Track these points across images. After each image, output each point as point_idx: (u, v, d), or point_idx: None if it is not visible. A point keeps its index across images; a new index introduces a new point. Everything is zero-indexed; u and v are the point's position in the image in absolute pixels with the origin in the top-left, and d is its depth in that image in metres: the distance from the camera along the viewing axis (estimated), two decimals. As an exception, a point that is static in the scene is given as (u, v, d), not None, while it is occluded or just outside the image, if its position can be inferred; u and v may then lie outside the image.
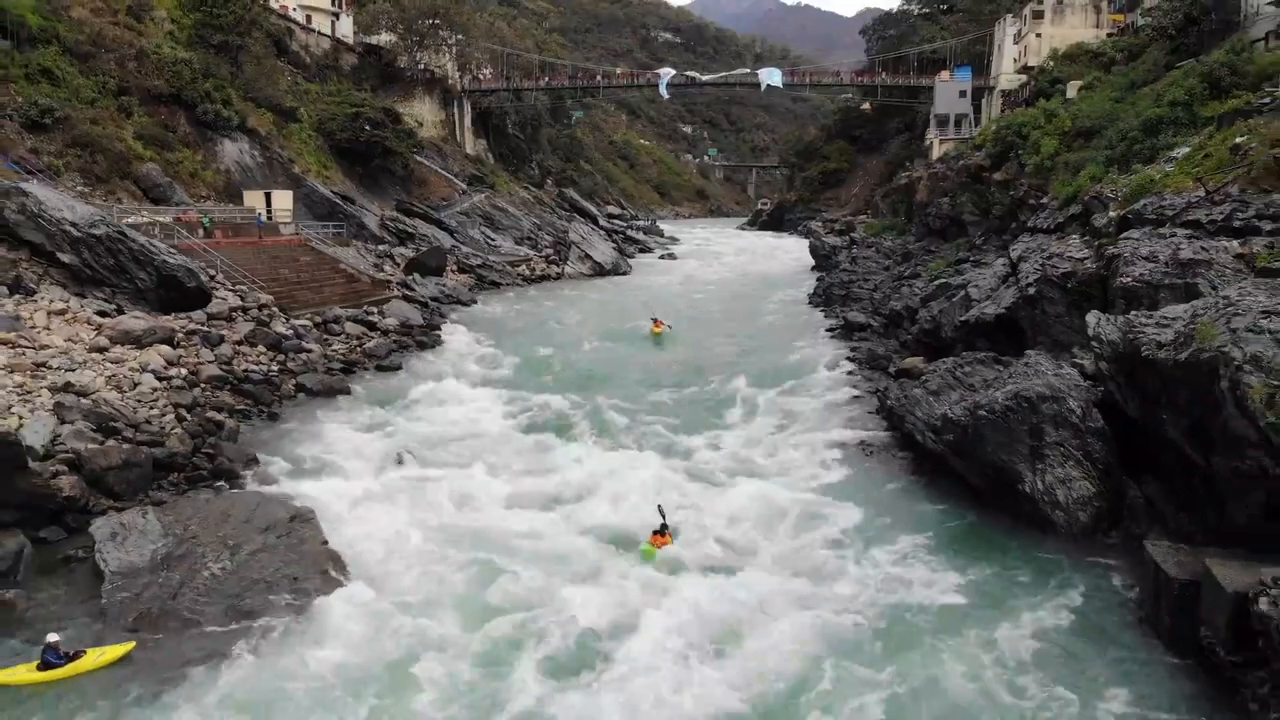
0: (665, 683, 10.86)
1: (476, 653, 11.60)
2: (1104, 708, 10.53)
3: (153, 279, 26.45)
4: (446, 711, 10.52)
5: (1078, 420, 15.12)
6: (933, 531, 15.56)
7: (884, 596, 13.32)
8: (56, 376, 19.12)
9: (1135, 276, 17.32)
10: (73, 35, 41.07)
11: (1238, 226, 17.20)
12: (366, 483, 17.73)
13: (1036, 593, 13.39)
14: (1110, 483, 14.94)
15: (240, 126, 45.87)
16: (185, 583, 12.56)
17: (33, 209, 24.93)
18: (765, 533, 15.75)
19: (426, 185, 64.21)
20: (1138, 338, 13.96)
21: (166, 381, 20.82)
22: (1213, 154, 20.99)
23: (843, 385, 26.22)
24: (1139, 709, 10.51)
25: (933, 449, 17.66)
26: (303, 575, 13.02)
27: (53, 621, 12.15)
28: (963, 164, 43.19)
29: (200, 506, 14.64)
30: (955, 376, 18.83)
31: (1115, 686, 10.90)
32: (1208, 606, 10.84)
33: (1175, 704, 10.52)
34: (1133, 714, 10.50)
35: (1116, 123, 30.39)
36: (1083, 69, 48.32)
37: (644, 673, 11.05)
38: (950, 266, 36.14)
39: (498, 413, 23.61)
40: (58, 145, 35.65)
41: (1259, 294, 12.79)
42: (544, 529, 15.76)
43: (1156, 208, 20.10)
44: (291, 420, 22.08)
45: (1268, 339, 11.79)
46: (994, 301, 24.58)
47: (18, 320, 21.97)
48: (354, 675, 11.09)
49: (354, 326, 31.53)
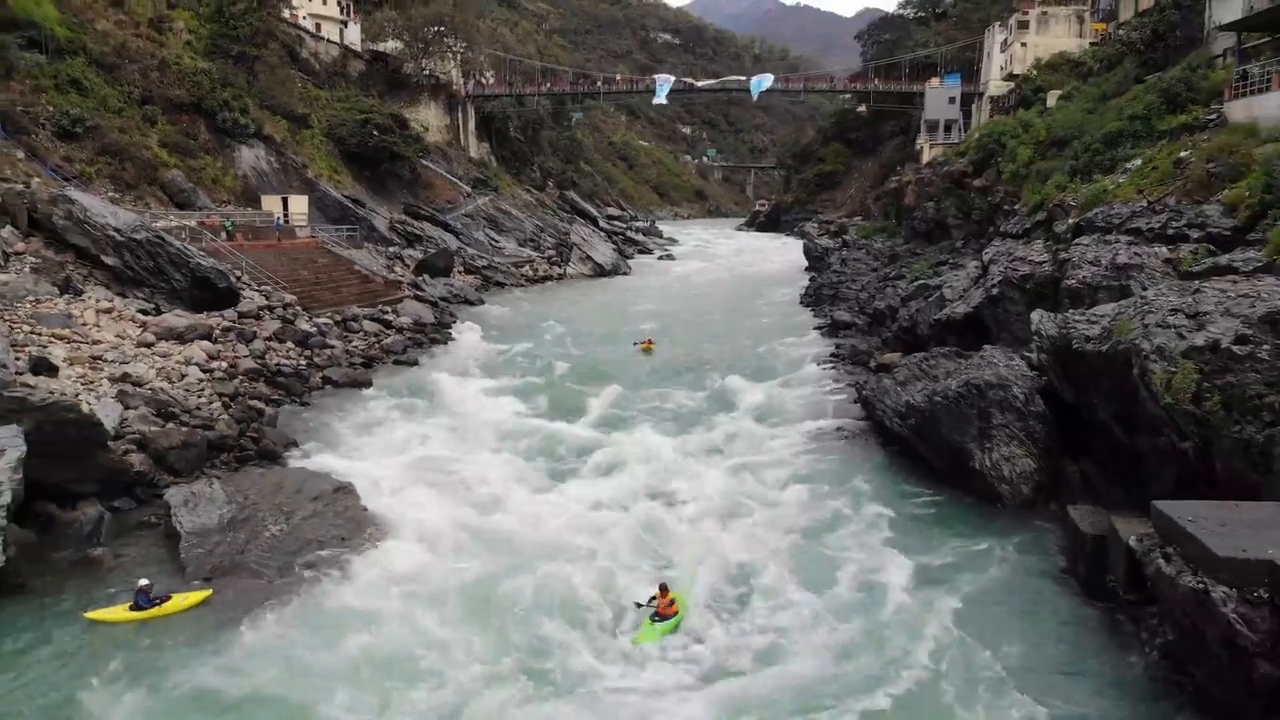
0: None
1: (498, 593, 13.71)
2: (1026, 645, 12.54)
3: (187, 280, 28.59)
4: (473, 640, 12.60)
5: (1021, 405, 17.25)
6: (897, 503, 17.68)
7: (851, 555, 15.44)
8: (113, 368, 21.25)
9: (1079, 279, 19.47)
10: (98, 46, 43.18)
11: (1171, 234, 19.32)
12: (393, 463, 19.84)
13: (982, 554, 15.48)
14: (1050, 460, 17.06)
15: (257, 134, 47.99)
16: (250, 541, 14.69)
17: (79, 215, 27.06)
18: (748, 507, 17.86)
19: (432, 188, 66.30)
20: (1070, 333, 16.10)
21: (209, 374, 22.95)
22: (1159, 167, 23.12)
23: (825, 379, 28.33)
24: (1055, 642, 12.57)
25: (899, 433, 19.80)
26: (348, 535, 15.15)
27: (136, 573, 14.26)
28: (947, 170, 45.24)
29: (256, 479, 16.77)
30: (921, 369, 20.92)
31: (1038, 626, 12.97)
32: (1112, 556, 12.95)
33: (1085, 638, 12.60)
34: (1050, 647, 12.54)
35: (1087, 131, 32.49)
36: (1064, 78, 50.45)
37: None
38: (931, 268, 38.27)
39: (508, 405, 25.69)
40: (88, 153, 37.77)
41: (1171, 295, 14.89)
42: (547, 502, 17.92)
43: (1105, 216, 22.25)
44: (321, 409, 24.21)
45: (1171, 333, 13.89)
46: (964, 301, 26.73)
47: (70, 318, 24.08)
48: (396, 614, 13.17)
49: (371, 324, 33.64)
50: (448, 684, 11.46)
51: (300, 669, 11.79)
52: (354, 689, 11.27)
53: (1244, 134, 21.72)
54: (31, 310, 23.52)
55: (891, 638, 12.74)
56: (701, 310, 45.03)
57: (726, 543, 16.00)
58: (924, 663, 12.09)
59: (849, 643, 12.63)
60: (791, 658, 12.35)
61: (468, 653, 12.22)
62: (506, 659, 12.08)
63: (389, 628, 12.71)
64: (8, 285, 24.02)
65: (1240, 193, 18.38)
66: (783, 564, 15.12)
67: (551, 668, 11.94)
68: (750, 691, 11.44)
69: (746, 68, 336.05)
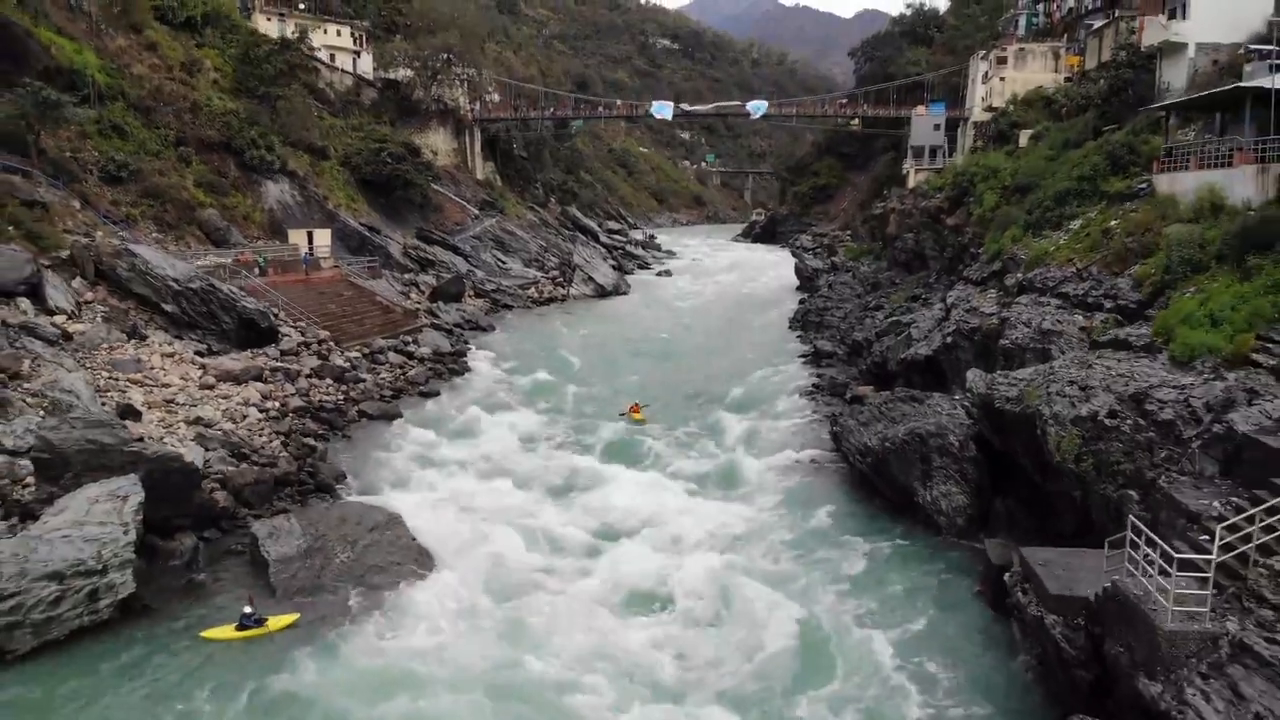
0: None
1: (524, 609, 17.15)
2: (939, 645, 15.97)
3: (235, 321, 32.00)
4: (505, 651, 16.02)
5: (956, 451, 20.68)
6: (854, 529, 21.15)
7: (811, 574, 18.88)
8: (185, 411, 24.67)
9: (1013, 340, 22.93)
10: (135, 90, 46.53)
11: (1090, 302, 22.73)
12: (429, 495, 23.26)
13: (919, 573, 18.95)
14: (980, 496, 20.50)
15: (281, 169, 51.33)
16: (324, 567, 18.11)
17: (141, 267, 30.48)
18: (728, 531, 21.31)
19: (442, 211, 69.63)
20: (994, 392, 19.55)
21: (265, 413, 26.38)
22: (1091, 234, 26.53)
23: (805, 410, 31.81)
24: (961, 645, 16.01)
25: (860, 468, 23.26)
26: (402, 561, 18.58)
27: (232, 595, 17.66)
28: (924, 205, 48.68)
29: (323, 513, 20.20)
30: (881, 411, 24.38)
31: (951, 632, 16.44)
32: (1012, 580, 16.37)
33: (985, 643, 16.04)
34: (957, 649, 15.93)
35: (1045, 182, 35.82)
36: (1038, 114, 53.87)
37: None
38: (906, 301, 41.74)
39: (523, 437, 29.12)
40: (132, 196, 41.10)
41: (1071, 368, 18.31)
42: (553, 519, 21.50)
43: (1043, 278, 25.67)
44: (360, 441, 27.62)
45: (1066, 401, 17.32)
46: (927, 343, 30.22)
47: (139, 362, 27.49)
48: (444, 623, 16.61)
49: (396, 356, 37.04)
50: (497, 689, 14.87)
51: (377, 679, 15.17)
52: (427, 697, 14.57)
53: (1166, 206, 25.07)
54: (107, 357, 26.92)
55: (833, 638, 16.24)
56: (695, 336, 48.37)
57: (707, 563, 19.42)
58: (853, 655, 15.59)
59: (795, 646, 16.04)
60: (752, 657, 15.84)
61: (506, 659, 15.67)
62: (534, 663, 15.54)
63: (446, 641, 16.14)
64: (85, 334, 27.41)
65: (1147, 269, 21.75)
66: (755, 580, 18.59)
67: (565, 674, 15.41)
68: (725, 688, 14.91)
69: (745, 72, 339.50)
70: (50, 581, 15.65)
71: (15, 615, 15.24)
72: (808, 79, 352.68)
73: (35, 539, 16.16)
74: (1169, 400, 15.19)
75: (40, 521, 16.83)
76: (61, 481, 17.76)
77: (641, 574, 18.83)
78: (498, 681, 14.88)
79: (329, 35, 70.67)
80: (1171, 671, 9.52)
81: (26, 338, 25.17)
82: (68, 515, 16.66)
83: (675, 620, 17.21)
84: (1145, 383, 16.12)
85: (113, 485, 17.44)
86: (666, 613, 17.57)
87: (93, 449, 17.91)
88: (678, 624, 17.01)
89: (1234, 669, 9.02)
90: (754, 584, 18.26)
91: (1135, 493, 14.19)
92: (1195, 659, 9.47)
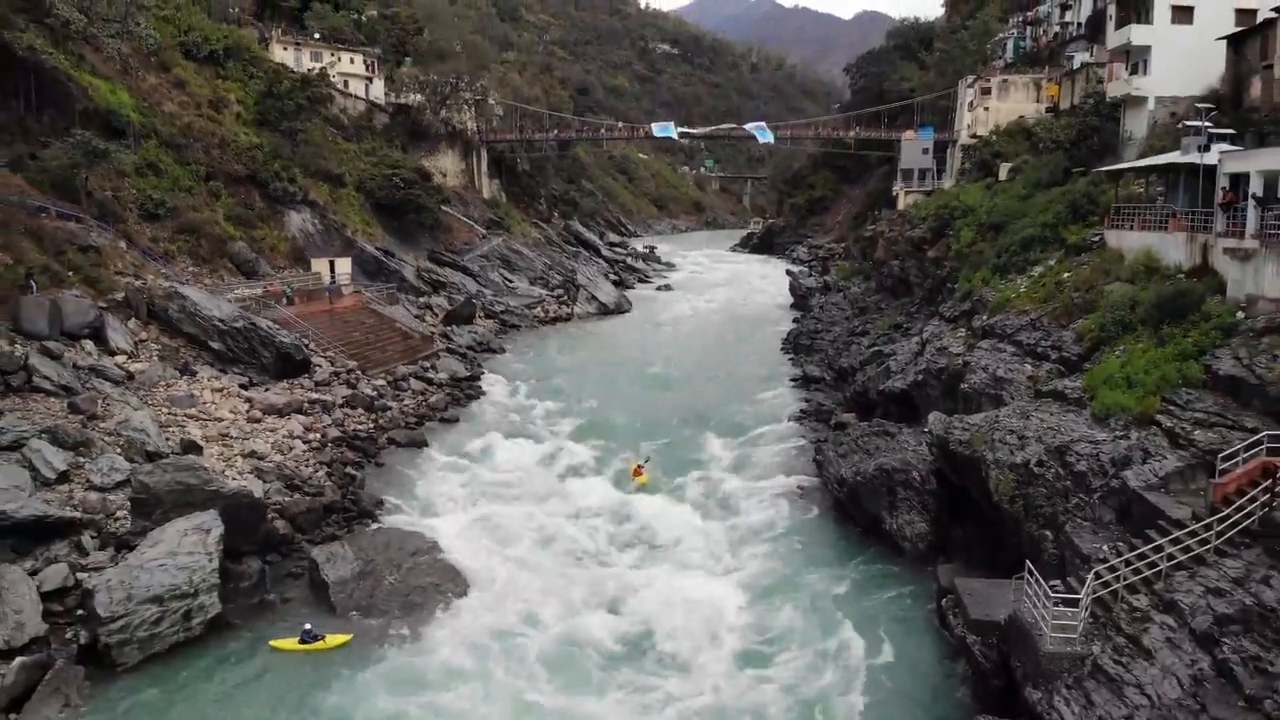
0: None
1: (554, 630, 20.26)
2: (894, 653, 19.09)
3: (273, 355, 35.09)
4: (532, 661, 19.12)
5: (919, 484, 23.80)
6: (828, 550, 24.31)
7: (789, 592, 22.00)
8: (240, 445, 27.78)
9: (971, 385, 26.04)
10: (168, 128, 49.58)
11: (1039, 351, 25.81)
12: (459, 520, 26.37)
13: (884, 591, 22.08)
14: (939, 525, 23.60)
15: (303, 199, 54.42)
16: (375, 588, 21.22)
17: (190, 309, 33.59)
18: (719, 552, 24.45)
19: (451, 231, 72.77)
20: (949, 435, 22.65)
21: (308, 444, 29.48)
22: (1047, 284, 29.63)
23: (793, 436, 34.94)
24: (913, 654, 19.12)
25: (837, 496, 26.38)
26: (441, 582, 21.69)
27: (298, 613, 20.75)
28: (909, 234, 51.76)
29: (371, 538, 23.32)
30: (858, 444, 27.48)
31: (906, 643, 19.53)
32: (946, 604, 19.49)
33: (933, 655, 19.14)
34: (909, 657, 19.03)
35: (1013, 226, 38.85)
36: (1018, 146, 56.99)
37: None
38: (889, 329, 44.80)
39: (537, 459, 32.26)
40: (169, 232, 44.14)
41: (1012, 418, 21.41)
42: (570, 543, 24.61)
43: (1003, 324, 28.76)
44: (392, 468, 30.73)
45: (1006, 449, 20.42)
46: (903, 376, 33.29)
47: (193, 397, 30.58)
48: (481, 640, 19.71)
49: (417, 383, 40.16)
50: (526, 704, 17.95)
51: (423, 686, 18.24)
52: (470, 703, 17.65)
53: (1113, 261, 28.17)
54: (165, 393, 30.01)
55: (800, 642, 19.42)
56: (694, 357, 51.32)
57: (701, 584, 22.53)
58: (816, 655, 18.78)
59: (769, 651, 19.18)
60: (731, 663, 18.97)
61: (539, 666, 18.81)
62: (555, 679, 18.67)
63: (480, 657, 19.24)
64: (144, 373, 30.50)
65: (1088, 325, 24.81)
66: (738, 595, 21.75)
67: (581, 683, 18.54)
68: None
69: (744, 77, 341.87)
70: (152, 604, 18.75)
71: (124, 633, 18.34)
72: (807, 83, 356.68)
73: (137, 568, 19.26)
74: (1084, 454, 18.30)
75: (138, 552, 19.90)
76: (153, 517, 20.86)
77: (646, 595, 21.93)
78: (525, 695, 17.96)
79: (342, 63, 73.72)
80: (1048, 683, 12.59)
81: (96, 379, 28.26)
82: (162, 547, 19.75)
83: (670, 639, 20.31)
84: (1069, 436, 19.23)
85: (197, 520, 20.54)
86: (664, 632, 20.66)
87: (180, 489, 21.03)
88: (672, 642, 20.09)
89: (1089, 683, 12.07)
90: (743, 602, 21.41)
91: (1050, 533, 17.31)
92: (1066, 674, 12.53)
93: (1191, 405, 17.89)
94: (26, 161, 38.74)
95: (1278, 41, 31.75)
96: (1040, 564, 17.47)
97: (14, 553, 19.83)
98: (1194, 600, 12.29)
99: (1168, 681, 11.40)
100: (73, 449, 23.82)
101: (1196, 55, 37.11)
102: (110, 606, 18.34)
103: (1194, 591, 12.45)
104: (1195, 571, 12.89)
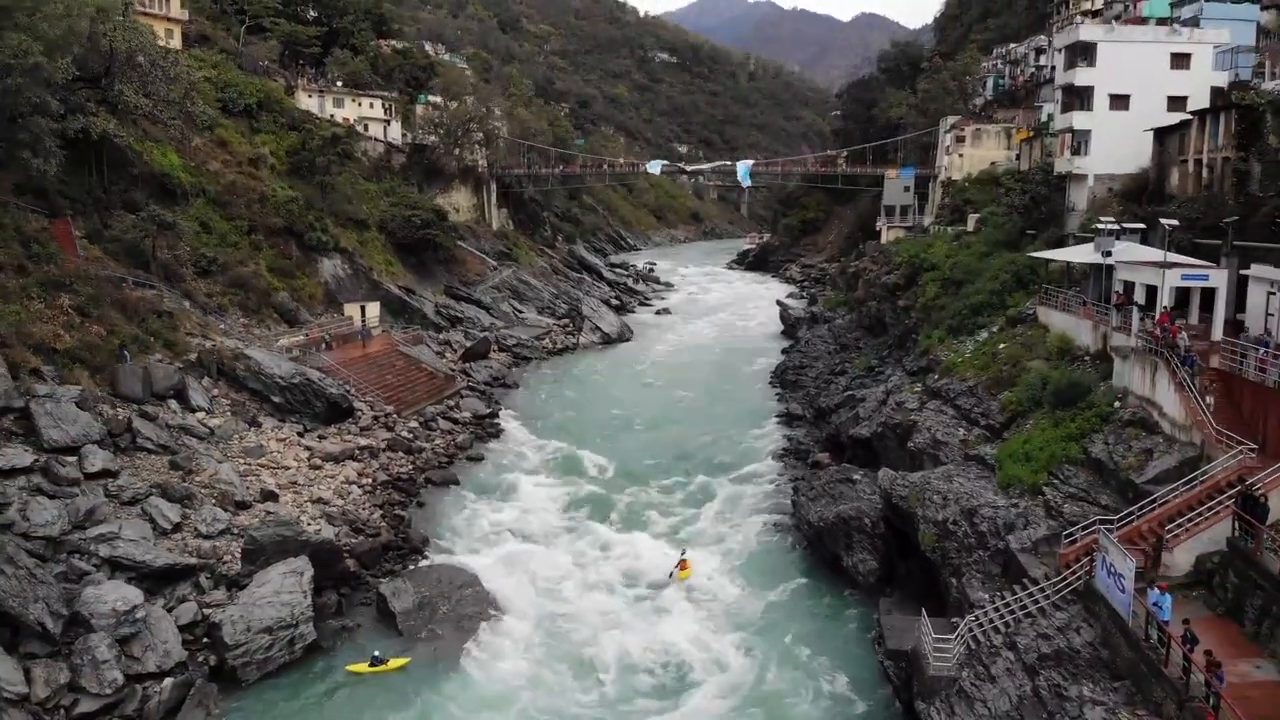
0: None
1: (576, 650, 25.68)
2: (840, 670, 24.44)
3: (323, 404, 40.52)
4: (568, 682, 24.52)
5: (869, 528, 29.22)
6: (795, 583, 29.73)
7: (751, 613, 27.39)
8: (308, 492, 33.19)
9: (916, 444, 31.48)
10: (214, 186, 54.93)
11: (973, 417, 31.24)
12: (493, 554, 31.74)
13: (837, 619, 27.51)
14: (888, 562, 29.01)
15: (335, 247, 59.82)
16: (431, 618, 26.64)
17: (255, 368, 39.02)
18: (708, 581, 29.86)
19: (464, 264, 78.21)
20: (893, 490, 28.08)
21: (363, 489, 34.89)
22: (986, 352, 35.05)
23: (773, 474, 40.39)
24: (854, 675, 24.46)
25: (807, 535, 31.82)
26: (484, 612, 27.10)
27: (370, 639, 26.16)
28: (883, 280, 57.18)
29: (426, 574, 28.77)
30: (825, 489, 32.88)
31: (849, 666, 24.89)
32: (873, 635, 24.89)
33: (871, 676, 24.50)
34: (848, 678, 24.34)
35: (968, 289, 44.11)
36: (987, 195, 62.45)
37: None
38: (864, 372, 50.21)
39: (554, 498, 37.66)
40: (220, 286, 49.46)
41: (941, 480, 26.82)
42: (588, 575, 29.97)
43: (948, 388, 34.19)
44: (432, 507, 36.15)
45: (933, 507, 25.83)
46: (868, 424, 38.70)
47: (262, 448, 35.98)
48: (520, 664, 25.11)
49: (445, 423, 45.56)
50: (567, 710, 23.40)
51: (475, 702, 23.61)
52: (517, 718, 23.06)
53: (1039, 337, 33.57)
54: (240, 446, 35.41)
55: (759, 660, 24.76)
56: (688, 391, 56.48)
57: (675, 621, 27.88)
58: (769, 671, 24.13)
59: (727, 673, 24.56)
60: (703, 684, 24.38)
61: (574, 687, 24.24)
62: (591, 689, 24.09)
63: (515, 672, 24.66)
64: (220, 427, 35.90)
65: (1010, 398, 30.21)
66: (714, 623, 27.15)
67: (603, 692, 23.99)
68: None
69: (742, 85, 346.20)
70: (265, 634, 24.17)
71: (246, 657, 23.75)
72: (803, 91, 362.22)
73: (250, 604, 24.67)
74: (987, 517, 23.72)
75: (249, 591, 25.33)
76: (258, 561, 26.28)
77: (643, 627, 27.34)
78: (562, 710, 23.36)
79: (361, 106, 79.10)
80: (930, 699, 17.93)
81: (185, 436, 33.64)
82: (268, 586, 25.18)
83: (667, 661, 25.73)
84: (978, 501, 24.65)
85: (293, 564, 25.97)
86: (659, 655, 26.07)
87: (279, 540, 26.47)
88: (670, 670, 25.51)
89: (954, 699, 17.41)
90: (721, 627, 26.86)
91: (955, 580, 22.74)
92: (943, 692, 17.88)
93: (1068, 481, 23.32)
94: (101, 232, 44.10)
95: (1191, 140, 37.08)
96: (947, 604, 22.96)
97: (149, 594, 25.23)
98: (1028, 641, 17.65)
99: (1003, 699, 16.73)
100: (179, 502, 29.19)
101: (1130, 139, 42.31)
102: (234, 636, 23.75)
103: (1029, 634, 17.81)
104: (1036, 620, 18.27)
